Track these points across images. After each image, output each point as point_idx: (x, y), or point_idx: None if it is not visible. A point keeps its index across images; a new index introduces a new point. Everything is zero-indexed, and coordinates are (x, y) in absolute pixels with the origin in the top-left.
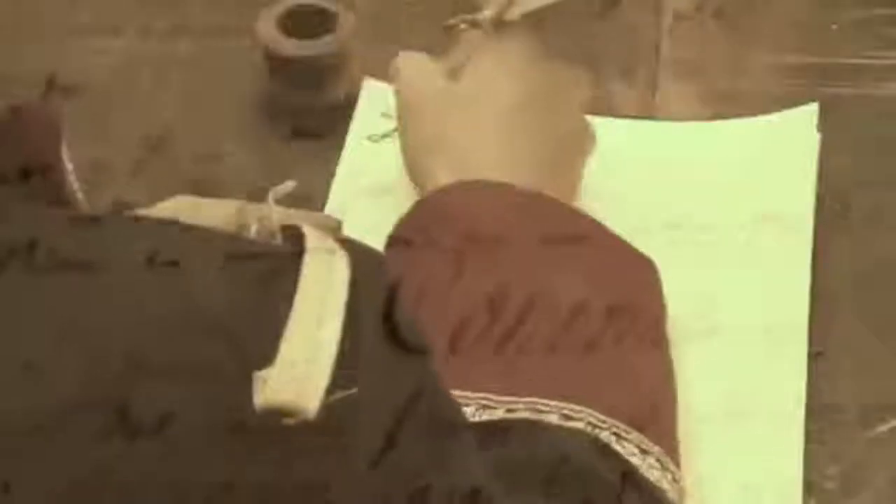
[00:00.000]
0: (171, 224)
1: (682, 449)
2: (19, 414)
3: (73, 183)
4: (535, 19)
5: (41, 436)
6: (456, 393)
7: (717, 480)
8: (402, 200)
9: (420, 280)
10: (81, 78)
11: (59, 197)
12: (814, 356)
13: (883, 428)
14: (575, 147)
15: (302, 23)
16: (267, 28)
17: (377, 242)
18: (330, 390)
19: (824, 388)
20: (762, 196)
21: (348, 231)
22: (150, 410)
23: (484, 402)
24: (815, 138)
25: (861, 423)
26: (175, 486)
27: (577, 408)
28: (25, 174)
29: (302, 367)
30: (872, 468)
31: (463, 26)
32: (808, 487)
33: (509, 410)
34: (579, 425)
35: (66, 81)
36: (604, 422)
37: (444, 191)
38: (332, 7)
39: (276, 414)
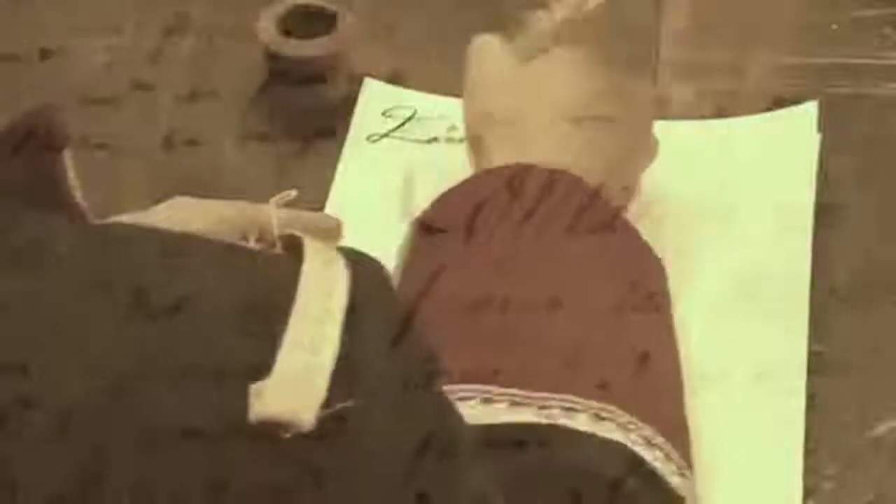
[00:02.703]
0: (170, 233)
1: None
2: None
3: (76, 191)
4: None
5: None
6: (457, 388)
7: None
8: (401, 201)
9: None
10: (82, 77)
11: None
12: (814, 356)
13: (883, 428)
14: (635, 152)
15: (302, 23)
16: (267, 28)
17: (377, 242)
18: (328, 402)
19: (824, 388)
20: (762, 195)
21: (348, 232)
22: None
23: (486, 395)
24: (815, 138)
25: (861, 423)
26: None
27: (611, 407)
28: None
29: (298, 379)
30: (872, 468)
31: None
32: (808, 488)
33: (542, 407)
34: (611, 426)
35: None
36: (633, 423)
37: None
38: (332, 7)
39: (272, 426)
